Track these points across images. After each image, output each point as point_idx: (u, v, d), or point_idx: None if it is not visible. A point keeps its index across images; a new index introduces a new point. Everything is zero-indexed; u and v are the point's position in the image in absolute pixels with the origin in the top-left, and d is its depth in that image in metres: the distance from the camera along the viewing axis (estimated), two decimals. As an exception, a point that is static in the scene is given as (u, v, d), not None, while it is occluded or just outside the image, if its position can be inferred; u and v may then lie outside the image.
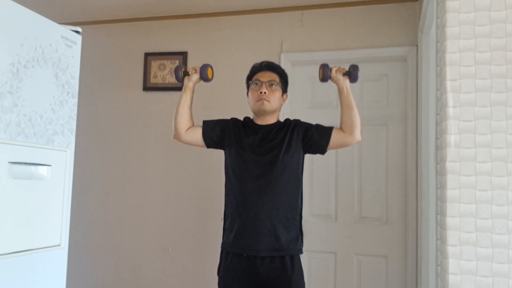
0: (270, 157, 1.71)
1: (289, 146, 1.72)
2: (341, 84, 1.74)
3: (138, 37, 2.93)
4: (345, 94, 1.73)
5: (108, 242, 2.84)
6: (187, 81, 1.80)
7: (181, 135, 1.79)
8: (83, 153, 2.62)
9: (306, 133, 1.76)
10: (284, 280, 1.65)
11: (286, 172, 1.70)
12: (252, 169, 1.71)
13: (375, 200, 2.49)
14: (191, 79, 1.80)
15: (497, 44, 1.30)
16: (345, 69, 1.74)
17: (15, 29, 1.38)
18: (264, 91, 1.75)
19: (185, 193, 2.74)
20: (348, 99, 1.73)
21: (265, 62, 1.85)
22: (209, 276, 2.49)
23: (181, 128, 1.78)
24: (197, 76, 1.79)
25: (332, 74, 1.74)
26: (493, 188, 1.27)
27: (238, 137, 1.78)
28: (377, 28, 2.52)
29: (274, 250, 1.66)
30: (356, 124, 1.71)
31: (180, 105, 1.79)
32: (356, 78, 1.72)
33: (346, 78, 1.74)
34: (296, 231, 1.73)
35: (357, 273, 2.48)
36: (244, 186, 1.71)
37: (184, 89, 1.80)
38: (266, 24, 2.68)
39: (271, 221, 1.66)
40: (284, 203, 1.69)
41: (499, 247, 1.25)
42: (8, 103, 1.35)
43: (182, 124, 1.78)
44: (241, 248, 1.68)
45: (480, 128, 1.29)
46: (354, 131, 1.71)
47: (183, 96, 1.79)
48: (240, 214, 1.70)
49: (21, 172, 1.37)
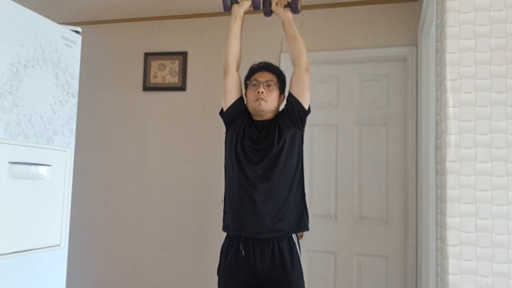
0: (266, 144, 1.73)
1: (281, 131, 1.74)
2: (282, 16, 1.82)
3: (138, 37, 2.93)
4: (287, 25, 1.80)
5: (108, 242, 2.84)
6: (238, 9, 1.82)
7: (232, 69, 1.80)
8: (83, 153, 2.62)
9: (287, 112, 1.79)
10: (284, 280, 1.65)
11: (283, 153, 1.72)
12: (251, 156, 1.73)
13: (375, 200, 2.49)
14: (242, 6, 1.82)
15: (497, 44, 1.30)
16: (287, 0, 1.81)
17: (15, 29, 1.38)
18: (262, 91, 1.76)
19: (185, 193, 2.74)
20: (291, 29, 1.79)
21: (263, 62, 1.86)
22: (209, 276, 2.49)
23: (232, 61, 1.80)
24: (249, 3, 1.81)
25: (273, 7, 1.83)
26: (493, 188, 1.26)
27: (245, 125, 1.80)
28: (377, 28, 2.52)
29: (276, 231, 1.67)
30: (301, 52, 1.76)
31: (231, 36, 1.80)
32: (297, 9, 1.79)
33: (287, 10, 1.81)
34: (300, 208, 1.75)
35: (357, 273, 2.48)
36: (244, 171, 1.73)
37: (234, 17, 1.81)
38: (266, 24, 2.67)
39: (272, 203, 1.68)
40: (283, 184, 1.71)
41: (499, 247, 1.24)
42: (8, 103, 1.35)
43: (233, 57, 1.80)
44: (242, 230, 1.70)
45: (480, 128, 1.29)
46: (301, 59, 1.76)
47: (234, 26, 1.80)
48: (241, 197, 1.71)
49: (21, 172, 1.37)
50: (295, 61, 1.78)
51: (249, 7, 1.81)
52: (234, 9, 1.82)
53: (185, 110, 2.78)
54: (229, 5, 1.78)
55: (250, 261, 1.67)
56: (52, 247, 1.51)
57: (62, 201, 1.55)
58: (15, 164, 1.35)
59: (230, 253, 1.72)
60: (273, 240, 1.68)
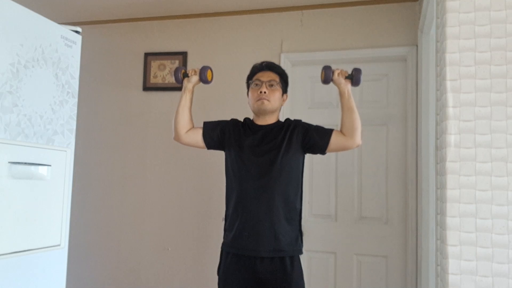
0: (269, 157, 1.71)
1: (289, 147, 1.72)
2: (342, 87, 1.71)
3: (138, 37, 2.93)
4: (347, 98, 1.71)
5: (108, 242, 2.84)
6: (187, 83, 1.80)
7: (181, 136, 1.79)
8: (83, 153, 2.62)
9: (306, 134, 1.75)
10: (284, 280, 1.65)
11: (285, 172, 1.70)
12: (251, 170, 1.71)
13: (375, 200, 2.49)
14: (190, 80, 1.79)
15: (497, 44, 1.30)
16: (347, 72, 1.72)
17: (15, 29, 1.38)
18: (264, 90, 1.75)
19: (185, 193, 2.74)
20: (350, 103, 1.71)
21: (265, 62, 1.85)
22: (209, 276, 2.49)
23: (181, 130, 1.78)
24: (197, 78, 1.79)
25: (334, 77, 1.71)
26: (493, 188, 1.26)
27: (238, 138, 1.78)
28: (377, 28, 2.52)
29: (274, 251, 1.66)
30: (356, 128, 1.69)
31: (180, 107, 1.78)
32: (359, 81, 1.69)
33: (348, 82, 1.71)
34: (295, 231, 1.73)
35: (357, 273, 2.48)
36: (243, 186, 1.71)
37: (183, 90, 1.80)
38: (266, 24, 2.68)
39: (271, 222, 1.66)
40: (283, 203, 1.69)
41: (499, 247, 1.24)
42: (8, 103, 1.35)
43: (182, 126, 1.78)
44: (240, 248, 1.69)
45: (480, 128, 1.29)
46: (355, 135, 1.70)
47: (182, 98, 1.79)
48: (240, 215, 1.70)
49: (21, 172, 1.37)
50: (348, 134, 1.71)
51: (197, 82, 1.80)
52: (184, 83, 1.80)
53: (185, 110, 2.77)
54: (181, 79, 1.80)
55: (250, 261, 1.67)
56: (52, 247, 1.51)
57: (62, 201, 1.55)
58: (15, 164, 1.35)
59: (230, 253, 1.72)
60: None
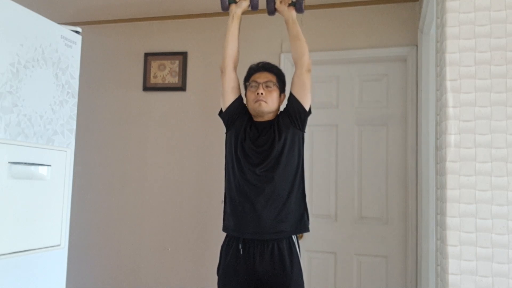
0: (267, 146, 1.73)
1: (281, 132, 1.73)
2: (286, 14, 1.80)
3: (138, 37, 2.93)
4: (291, 24, 1.78)
5: (108, 242, 2.84)
6: (235, 8, 1.81)
7: (227, 69, 1.78)
8: (83, 153, 2.62)
9: (287, 112, 1.77)
10: (283, 280, 1.65)
11: (284, 155, 1.71)
12: (252, 158, 1.73)
13: (375, 200, 2.49)
14: (240, 6, 1.81)
15: (497, 44, 1.30)
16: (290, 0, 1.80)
17: (15, 29, 1.38)
18: (261, 92, 1.75)
19: (185, 193, 2.74)
20: (295, 29, 1.78)
21: (262, 62, 1.85)
22: (209, 276, 2.49)
23: (229, 60, 1.79)
24: (247, 3, 1.80)
25: (277, 5, 1.81)
26: (493, 188, 1.26)
27: (245, 126, 1.79)
28: (377, 28, 2.51)
29: (277, 232, 1.67)
30: (303, 52, 1.75)
31: (228, 35, 1.79)
32: (301, 8, 1.77)
33: (292, 9, 1.79)
34: (300, 210, 1.74)
35: (357, 273, 2.48)
36: (243, 173, 1.72)
37: (231, 17, 1.80)
38: (266, 24, 2.68)
39: (273, 205, 1.68)
40: (284, 186, 1.70)
41: (499, 247, 1.24)
42: (8, 103, 1.35)
43: (230, 56, 1.79)
44: (242, 231, 1.70)
45: (480, 128, 1.29)
46: (303, 59, 1.74)
47: (232, 25, 1.79)
48: (241, 199, 1.71)
49: (21, 172, 1.37)
50: (297, 61, 1.77)
51: (247, 7, 1.80)
52: (232, 9, 1.80)
53: (185, 110, 2.78)
54: (227, 5, 1.77)
55: (250, 261, 1.67)
56: (52, 247, 1.51)
57: (62, 201, 1.55)
58: (15, 164, 1.35)
59: (229, 253, 1.72)
60: (272, 241, 1.68)
